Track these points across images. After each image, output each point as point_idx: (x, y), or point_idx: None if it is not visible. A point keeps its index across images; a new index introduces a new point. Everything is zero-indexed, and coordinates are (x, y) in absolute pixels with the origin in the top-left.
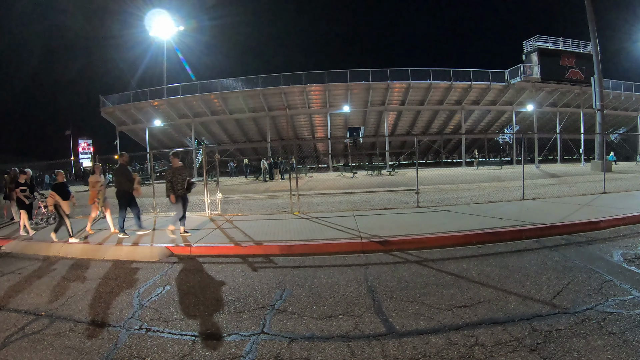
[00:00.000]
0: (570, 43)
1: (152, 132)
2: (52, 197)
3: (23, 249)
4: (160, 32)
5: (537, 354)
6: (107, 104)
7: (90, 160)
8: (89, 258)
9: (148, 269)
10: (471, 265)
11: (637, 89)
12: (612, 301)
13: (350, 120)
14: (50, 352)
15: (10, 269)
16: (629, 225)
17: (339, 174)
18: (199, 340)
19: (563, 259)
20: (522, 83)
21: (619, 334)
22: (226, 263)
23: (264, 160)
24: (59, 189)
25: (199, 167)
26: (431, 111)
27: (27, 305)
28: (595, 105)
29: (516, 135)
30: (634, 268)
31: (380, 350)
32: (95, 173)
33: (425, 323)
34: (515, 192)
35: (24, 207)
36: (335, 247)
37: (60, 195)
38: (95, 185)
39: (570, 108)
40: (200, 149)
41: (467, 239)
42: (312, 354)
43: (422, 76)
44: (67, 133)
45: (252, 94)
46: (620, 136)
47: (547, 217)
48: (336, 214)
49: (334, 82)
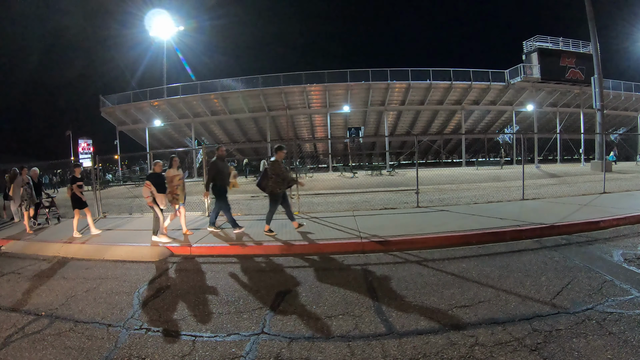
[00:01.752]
0: (570, 43)
1: (152, 132)
2: (147, 187)
3: (23, 248)
4: (160, 32)
5: (537, 354)
6: (107, 104)
7: (90, 160)
8: (89, 258)
9: (148, 269)
10: (471, 265)
11: (637, 89)
12: (612, 301)
13: (350, 120)
14: (50, 352)
15: (10, 269)
16: (629, 225)
17: (339, 174)
18: (199, 340)
19: (563, 259)
20: (522, 83)
21: (619, 334)
22: (226, 263)
23: (264, 160)
24: (155, 179)
25: (199, 167)
26: (431, 111)
27: (27, 305)
28: (595, 105)
29: (516, 135)
30: (634, 268)
31: (380, 350)
32: (172, 167)
33: (425, 323)
34: (515, 192)
35: (80, 205)
36: (335, 247)
37: (156, 187)
38: (173, 180)
39: (570, 108)
40: (200, 149)
41: (467, 239)
42: (312, 354)
43: (422, 76)
44: (67, 133)
45: (252, 94)
46: (620, 136)
47: (547, 217)
48: (336, 214)
49: (334, 82)
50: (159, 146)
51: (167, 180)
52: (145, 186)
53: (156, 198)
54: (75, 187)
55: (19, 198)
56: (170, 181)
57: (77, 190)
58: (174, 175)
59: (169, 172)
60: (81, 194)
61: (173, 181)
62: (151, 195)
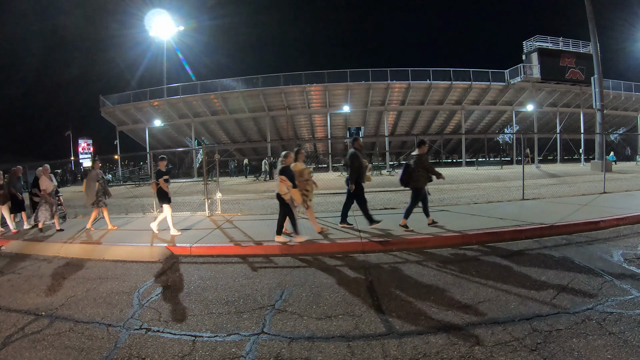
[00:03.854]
0: (570, 43)
1: (152, 132)
2: (283, 183)
3: (23, 248)
4: (160, 32)
5: (537, 354)
6: (107, 104)
7: (90, 160)
8: (89, 258)
9: (148, 269)
10: (471, 265)
11: (637, 89)
12: (612, 301)
13: (350, 120)
14: (50, 352)
15: (10, 269)
16: (629, 225)
17: (339, 174)
18: (199, 340)
19: (563, 259)
20: (522, 83)
21: (619, 334)
22: (226, 263)
23: (265, 160)
24: (290, 174)
25: (199, 167)
26: (431, 111)
27: (27, 305)
28: (595, 105)
29: (516, 135)
30: (634, 268)
31: (381, 350)
32: (298, 160)
33: (425, 323)
34: (515, 192)
35: (168, 200)
36: (335, 247)
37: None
38: (303, 174)
39: (570, 108)
40: (200, 149)
41: (467, 239)
42: (312, 354)
43: (422, 76)
44: (67, 134)
45: (252, 94)
46: (620, 136)
47: (547, 217)
48: (336, 214)
49: (334, 82)
50: (158, 146)
51: (296, 174)
52: (280, 181)
53: (293, 194)
54: (161, 182)
55: (94, 194)
56: (300, 175)
57: (163, 184)
58: (304, 169)
59: (297, 166)
60: (167, 188)
61: (303, 175)
62: (288, 192)
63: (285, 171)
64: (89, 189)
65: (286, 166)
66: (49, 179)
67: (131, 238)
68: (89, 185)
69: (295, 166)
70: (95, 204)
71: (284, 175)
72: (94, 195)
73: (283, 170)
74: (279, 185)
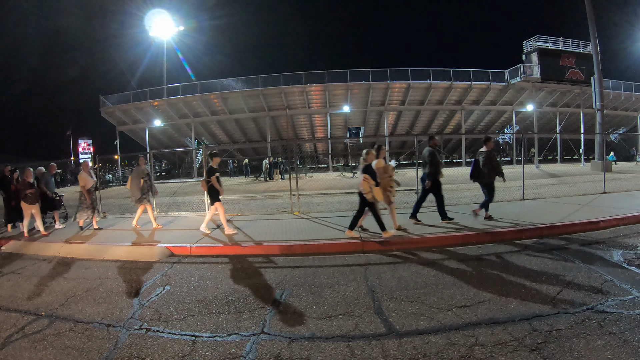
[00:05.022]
0: (570, 43)
1: (152, 132)
2: (366, 181)
3: (23, 249)
4: (160, 32)
5: (538, 354)
6: (107, 104)
7: (90, 160)
8: (89, 258)
9: (148, 269)
10: (471, 266)
11: (637, 89)
12: (612, 301)
13: (350, 120)
14: (50, 352)
15: (10, 269)
16: (629, 225)
17: (339, 174)
18: (199, 340)
19: (563, 259)
20: (522, 83)
21: (619, 334)
22: (226, 263)
23: (266, 160)
24: (371, 172)
25: (199, 167)
26: (431, 111)
27: (27, 305)
28: (595, 105)
29: (516, 135)
30: (634, 268)
31: (381, 350)
32: (380, 156)
33: (425, 323)
34: (515, 192)
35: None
36: (335, 247)
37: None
38: (387, 170)
39: (570, 108)
40: (200, 149)
41: (467, 239)
42: (312, 354)
43: (422, 76)
44: (68, 134)
45: (252, 94)
46: (620, 136)
47: (547, 217)
48: (336, 214)
49: (334, 82)
50: (159, 146)
51: (380, 171)
52: (363, 180)
53: (375, 193)
54: (214, 179)
55: (139, 191)
56: (384, 172)
57: (215, 182)
58: (388, 165)
59: (379, 163)
60: (220, 185)
61: (387, 171)
62: (371, 191)
63: (367, 169)
64: (134, 186)
65: (368, 164)
66: (88, 175)
67: (132, 238)
68: (134, 181)
69: (378, 163)
70: (139, 200)
71: (367, 173)
72: (139, 192)
73: (365, 168)
74: (362, 183)
